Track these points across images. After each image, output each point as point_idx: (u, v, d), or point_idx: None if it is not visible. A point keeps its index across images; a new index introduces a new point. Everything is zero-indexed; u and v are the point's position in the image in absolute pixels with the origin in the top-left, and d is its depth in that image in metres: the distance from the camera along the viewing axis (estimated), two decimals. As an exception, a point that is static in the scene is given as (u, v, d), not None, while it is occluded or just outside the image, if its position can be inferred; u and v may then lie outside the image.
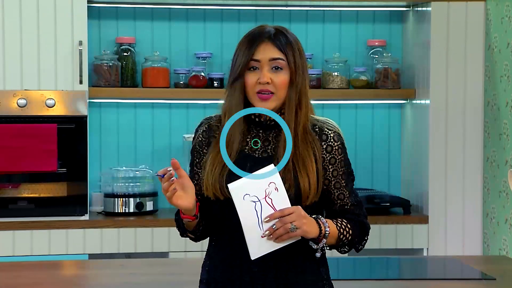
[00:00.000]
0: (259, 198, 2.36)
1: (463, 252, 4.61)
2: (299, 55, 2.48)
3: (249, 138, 2.52)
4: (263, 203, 2.36)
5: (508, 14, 4.36)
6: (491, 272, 3.25)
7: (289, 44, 2.47)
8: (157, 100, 4.80)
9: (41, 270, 3.33)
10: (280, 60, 2.45)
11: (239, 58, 2.48)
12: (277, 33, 2.48)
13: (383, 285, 3.15)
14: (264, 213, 2.36)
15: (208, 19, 4.87)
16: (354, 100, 4.92)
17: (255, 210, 2.36)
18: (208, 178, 2.47)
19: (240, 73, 2.47)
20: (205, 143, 2.56)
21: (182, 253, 4.39)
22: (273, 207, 2.36)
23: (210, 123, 2.59)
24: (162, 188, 2.38)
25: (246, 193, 2.36)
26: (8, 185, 4.40)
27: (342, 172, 2.49)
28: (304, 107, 2.48)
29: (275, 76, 2.45)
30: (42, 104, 4.36)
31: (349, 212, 2.51)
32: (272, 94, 2.45)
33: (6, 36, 4.33)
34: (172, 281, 3.18)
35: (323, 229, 2.40)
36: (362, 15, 4.96)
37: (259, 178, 2.37)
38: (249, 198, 2.36)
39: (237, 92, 2.48)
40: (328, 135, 2.49)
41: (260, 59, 2.46)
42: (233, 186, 2.37)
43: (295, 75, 2.46)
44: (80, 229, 4.39)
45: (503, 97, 4.41)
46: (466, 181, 4.63)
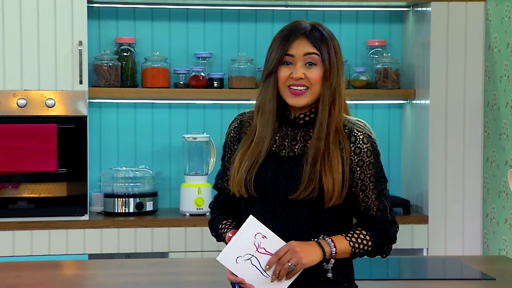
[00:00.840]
0: (251, 254, 2.37)
1: (463, 252, 4.61)
2: (335, 52, 2.46)
3: (278, 136, 2.51)
4: (258, 256, 2.37)
5: (508, 14, 4.36)
6: (491, 272, 3.25)
7: (324, 40, 2.45)
8: (157, 100, 4.80)
9: (41, 270, 3.33)
10: (314, 55, 2.43)
11: (273, 53, 2.45)
12: (312, 29, 2.46)
13: (383, 285, 3.15)
14: (263, 262, 2.37)
15: (208, 19, 4.87)
16: (354, 100, 4.91)
17: (253, 265, 2.37)
18: (234, 175, 2.47)
19: (273, 68, 2.45)
20: (236, 139, 2.55)
21: (182, 253, 4.39)
22: (269, 253, 2.38)
23: (242, 119, 2.56)
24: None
25: (237, 256, 2.37)
26: (8, 185, 4.40)
27: (370, 175, 2.46)
28: (337, 106, 2.45)
29: (309, 71, 2.43)
30: (42, 104, 4.36)
31: (374, 219, 2.48)
32: (306, 90, 2.43)
33: (6, 36, 4.33)
34: (172, 281, 3.18)
35: (327, 249, 2.39)
36: (362, 15, 4.96)
37: (242, 235, 2.38)
38: (242, 259, 2.37)
39: (271, 88, 2.46)
40: (357, 137, 2.47)
41: (294, 54, 2.44)
42: (221, 257, 2.38)
43: (329, 71, 2.44)
44: (80, 229, 4.39)
45: (503, 97, 4.41)
46: (466, 181, 4.63)
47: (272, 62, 2.45)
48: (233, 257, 2.37)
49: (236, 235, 2.39)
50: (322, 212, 2.43)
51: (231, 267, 2.38)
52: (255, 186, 2.44)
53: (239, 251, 2.37)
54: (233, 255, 2.37)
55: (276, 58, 2.44)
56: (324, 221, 2.45)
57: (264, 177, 2.44)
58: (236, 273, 2.37)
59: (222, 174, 2.61)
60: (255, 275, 2.37)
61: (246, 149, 2.48)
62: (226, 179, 2.58)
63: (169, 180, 4.85)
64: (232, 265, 2.37)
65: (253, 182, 2.44)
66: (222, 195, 2.63)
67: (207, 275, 3.28)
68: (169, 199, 4.86)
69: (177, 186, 4.79)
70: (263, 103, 2.48)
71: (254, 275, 2.37)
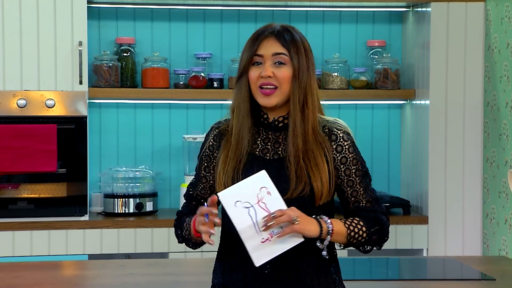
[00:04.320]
0: (251, 203, 2.35)
1: (463, 252, 4.61)
2: (305, 53, 2.49)
3: (260, 140, 2.52)
4: (256, 208, 2.35)
5: (508, 15, 4.36)
6: (490, 273, 3.25)
7: (293, 41, 2.49)
8: (157, 101, 4.80)
9: (41, 270, 3.33)
10: (282, 55, 2.46)
11: (244, 54, 2.49)
12: (282, 30, 2.50)
13: (383, 285, 3.15)
14: (259, 216, 2.34)
15: (208, 20, 4.87)
16: (354, 101, 4.92)
17: (249, 215, 2.34)
18: (220, 177, 2.48)
19: (244, 69, 2.48)
20: (216, 147, 2.56)
21: (182, 253, 4.38)
22: (267, 210, 2.35)
23: (220, 127, 2.58)
24: (198, 226, 2.40)
25: (237, 200, 2.35)
26: (8, 185, 4.40)
27: (355, 170, 2.49)
28: (310, 106, 2.47)
29: (278, 70, 2.46)
30: (42, 105, 4.36)
31: (365, 209, 2.51)
32: (275, 89, 2.46)
33: (6, 37, 4.33)
34: (172, 281, 3.18)
35: (324, 226, 2.40)
36: (362, 16, 4.96)
37: (249, 183, 2.36)
38: (241, 205, 2.34)
39: (243, 89, 2.49)
40: (338, 135, 2.50)
41: (263, 54, 2.47)
42: (222, 194, 2.35)
43: (298, 71, 2.46)
44: (79, 229, 4.39)
45: (503, 97, 4.41)
46: (466, 182, 4.63)
47: (243, 63, 2.48)
48: (233, 199, 2.34)
49: (244, 180, 2.37)
50: (313, 210, 2.45)
51: (229, 207, 2.33)
52: None
53: (241, 196, 2.34)
54: (234, 197, 2.34)
55: (246, 58, 2.48)
56: None
57: (253, 174, 2.45)
58: (231, 215, 2.33)
59: (195, 183, 2.61)
60: (248, 228, 2.33)
61: (228, 151, 2.50)
62: (200, 187, 2.58)
63: (169, 180, 4.85)
64: (230, 206, 2.34)
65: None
66: (193, 202, 2.62)
67: (207, 275, 3.27)
68: (169, 199, 4.87)
69: (177, 187, 4.79)
70: (238, 104, 2.50)
71: (247, 226, 2.33)
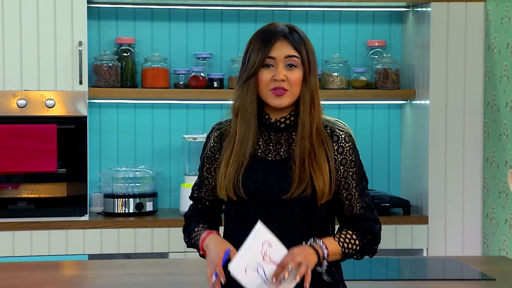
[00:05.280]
0: (258, 263, 2.37)
1: (463, 252, 4.61)
2: (311, 53, 2.50)
3: (261, 141, 2.52)
4: (264, 266, 2.37)
5: (508, 15, 4.36)
6: (490, 273, 3.25)
7: (302, 42, 2.49)
8: (157, 101, 4.80)
9: (41, 270, 3.33)
10: (295, 57, 2.47)
11: (253, 56, 2.47)
12: (290, 31, 2.49)
13: (383, 285, 3.15)
14: (268, 272, 2.36)
15: (208, 20, 4.87)
16: (354, 101, 4.92)
17: (259, 275, 2.37)
18: (222, 179, 2.48)
19: (255, 71, 2.46)
20: (218, 148, 2.56)
21: (182, 253, 4.38)
22: (274, 262, 2.37)
23: (221, 128, 2.58)
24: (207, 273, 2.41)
25: (246, 266, 2.36)
26: (8, 185, 4.40)
27: (352, 173, 2.50)
28: (317, 106, 2.49)
29: (290, 73, 2.46)
30: (42, 105, 4.36)
31: (358, 217, 2.51)
32: (286, 91, 2.46)
33: (6, 37, 4.33)
34: (172, 281, 3.18)
35: (320, 252, 2.40)
36: (362, 16, 4.96)
37: (251, 243, 2.37)
38: (251, 269, 2.36)
39: (251, 91, 2.47)
40: (339, 136, 2.51)
41: (275, 57, 2.46)
42: (233, 266, 2.37)
43: (309, 72, 2.47)
44: (79, 229, 4.39)
45: (503, 97, 4.41)
46: (466, 182, 4.63)
47: (254, 65, 2.46)
48: (242, 267, 2.37)
49: (246, 242, 2.38)
50: (315, 211, 2.46)
51: (241, 278, 2.36)
52: (245, 189, 2.45)
53: (248, 261, 2.37)
54: (243, 265, 2.37)
55: (258, 61, 2.46)
56: (318, 220, 2.48)
57: (254, 180, 2.46)
58: (244, 284, 2.36)
59: (199, 184, 2.61)
60: (259, 284, 2.37)
61: (230, 153, 2.49)
62: (204, 189, 2.59)
63: (169, 180, 4.85)
64: (241, 275, 2.36)
65: (241, 184, 2.45)
66: (198, 205, 2.64)
67: (207, 275, 3.28)
68: (169, 199, 4.87)
69: (177, 187, 4.79)
70: (243, 105, 2.49)
71: (258, 284, 2.37)
